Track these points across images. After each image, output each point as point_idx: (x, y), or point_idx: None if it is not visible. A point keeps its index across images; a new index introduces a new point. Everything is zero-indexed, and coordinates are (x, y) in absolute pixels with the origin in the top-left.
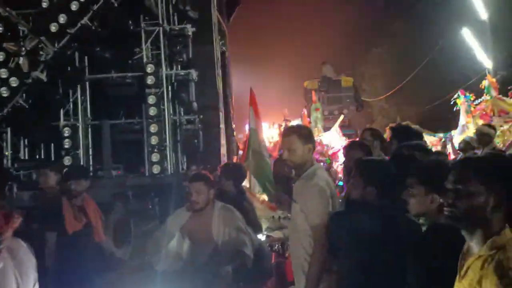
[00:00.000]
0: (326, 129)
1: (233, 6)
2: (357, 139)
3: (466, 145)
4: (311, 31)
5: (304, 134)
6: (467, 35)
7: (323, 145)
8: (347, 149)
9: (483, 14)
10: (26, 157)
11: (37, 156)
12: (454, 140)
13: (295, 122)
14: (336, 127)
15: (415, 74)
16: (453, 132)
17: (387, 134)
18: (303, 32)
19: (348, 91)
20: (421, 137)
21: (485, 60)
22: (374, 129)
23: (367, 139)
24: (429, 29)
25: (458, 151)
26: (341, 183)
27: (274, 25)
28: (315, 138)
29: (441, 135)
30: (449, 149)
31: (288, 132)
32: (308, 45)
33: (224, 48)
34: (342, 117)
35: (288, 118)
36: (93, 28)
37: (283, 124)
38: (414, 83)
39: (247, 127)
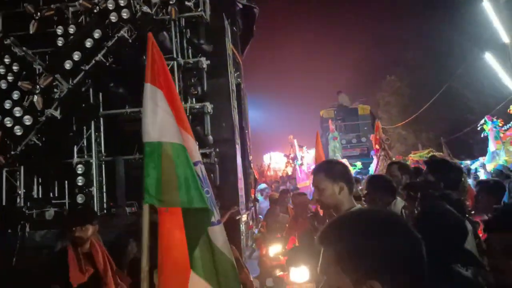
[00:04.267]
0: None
1: (247, 38)
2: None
3: (499, 174)
4: (325, 60)
5: (333, 170)
6: (489, 59)
7: None
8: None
9: (504, 37)
10: (40, 195)
11: (51, 195)
12: (486, 167)
13: (310, 151)
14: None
15: (433, 100)
16: (482, 159)
17: (410, 163)
18: (317, 62)
19: (365, 119)
20: (461, 173)
21: (510, 84)
22: (401, 163)
23: (394, 174)
24: (447, 55)
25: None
26: None
27: (288, 56)
28: None
29: (468, 162)
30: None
31: (316, 170)
32: (322, 74)
33: (239, 80)
34: None
35: (293, 143)
36: (107, 64)
37: (290, 151)
38: (432, 109)
39: (266, 157)
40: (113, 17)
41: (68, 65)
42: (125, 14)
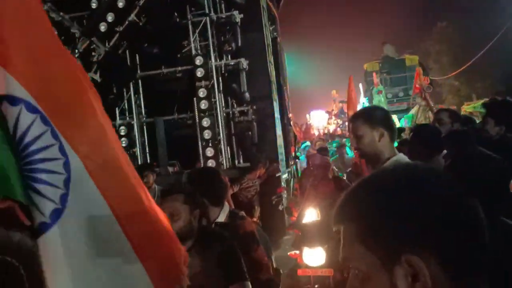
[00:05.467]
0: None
1: None
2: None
3: None
4: (367, 8)
5: (372, 116)
6: None
7: None
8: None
9: None
10: None
11: None
12: None
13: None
14: None
15: (489, 46)
16: None
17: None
18: (359, 11)
19: (413, 71)
20: None
21: None
22: (451, 110)
23: (444, 121)
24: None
25: None
26: None
27: (327, 6)
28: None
29: None
30: None
31: (354, 116)
32: (365, 24)
33: (275, 33)
34: None
35: (338, 98)
36: (140, 24)
37: (333, 107)
38: (487, 56)
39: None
40: None
41: (103, 27)
42: None
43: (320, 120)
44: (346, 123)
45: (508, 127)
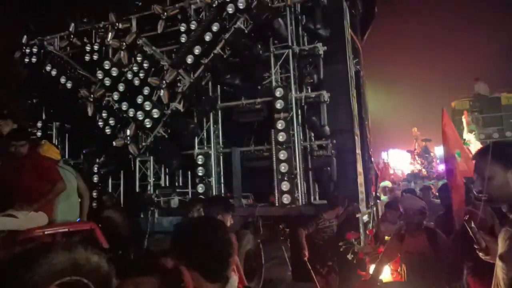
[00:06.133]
0: None
1: (368, 22)
2: None
3: None
4: (458, 44)
5: (505, 153)
6: None
7: None
8: None
9: None
10: (166, 184)
11: (176, 184)
12: None
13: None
14: None
15: None
16: None
17: None
18: (449, 46)
19: (510, 110)
20: None
21: None
22: None
23: None
24: None
25: None
26: None
27: (413, 40)
28: None
29: None
30: None
31: (479, 153)
32: (455, 59)
33: (358, 67)
34: None
35: (420, 136)
36: (225, 57)
37: (415, 146)
38: None
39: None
40: (230, 9)
41: (189, 59)
42: (241, 4)
43: (399, 160)
44: (432, 163)
45: None
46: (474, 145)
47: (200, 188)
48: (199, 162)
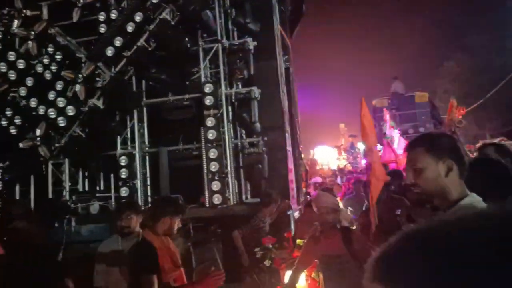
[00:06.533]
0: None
1: (296, 20)
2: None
3: None
4: (378, 45)
5: (437, 144)
6: None
7: None
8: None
9: None
10: (85, 189)
11: (97, 188)
12: None
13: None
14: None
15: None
16: None
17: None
18: (369, 47)
19: (423, 107)
20: None
21: None
22: (500, 145)
23: (491, 156)
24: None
25: None
26: None
27: (340, 38)
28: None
29: None
30: None
31: (412, 144)
32: (375, 60)
33: (288, 64)
34: None
35: (346, 132)
36: (149, 49)
37: (342, 141)
38: (496, 97)
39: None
40: None
41: (110, 51)
42: None
43: (325, 156)
44: (357, 159)
45: None
46: (398, 141)
47: (124, 192)
48: (122, 164)
